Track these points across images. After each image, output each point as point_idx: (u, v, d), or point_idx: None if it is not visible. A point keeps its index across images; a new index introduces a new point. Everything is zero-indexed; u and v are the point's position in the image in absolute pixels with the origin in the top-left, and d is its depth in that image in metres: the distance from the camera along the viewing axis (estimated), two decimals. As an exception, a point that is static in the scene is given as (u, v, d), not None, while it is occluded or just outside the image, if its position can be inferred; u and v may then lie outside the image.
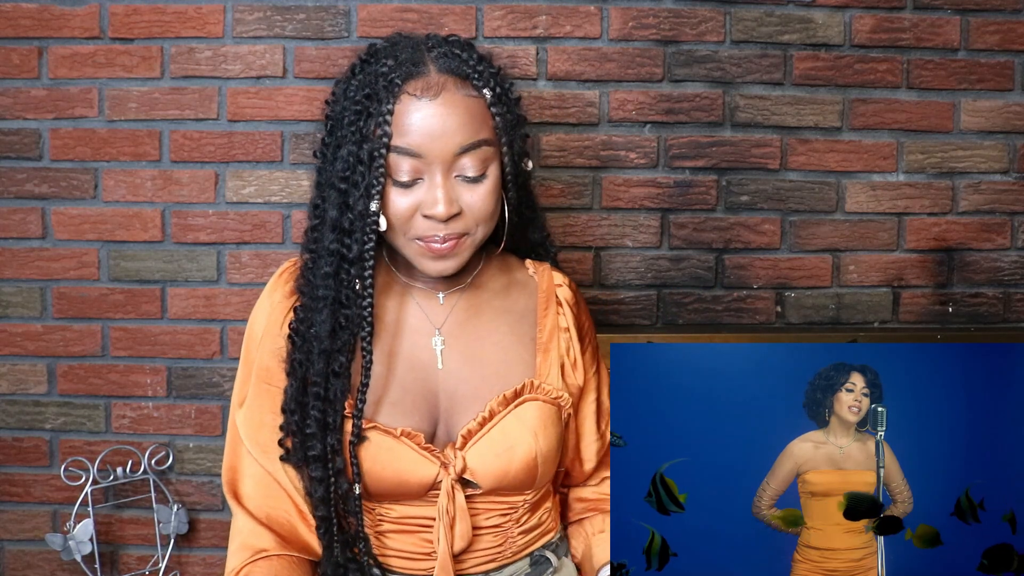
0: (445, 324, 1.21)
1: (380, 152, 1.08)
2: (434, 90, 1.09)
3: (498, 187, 1.14)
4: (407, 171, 1.09)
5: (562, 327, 1.25)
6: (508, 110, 1.15)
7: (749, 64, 1.73)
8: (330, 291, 1.13)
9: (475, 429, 1.16)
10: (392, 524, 1.18)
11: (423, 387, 1.18)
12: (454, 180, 1.10)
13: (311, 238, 1.17)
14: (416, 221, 1.11)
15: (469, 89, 1.11)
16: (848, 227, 1.78)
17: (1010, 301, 1.81)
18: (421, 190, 1.10)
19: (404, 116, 1.08)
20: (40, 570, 1.80)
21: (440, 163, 1.08)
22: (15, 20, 1.70)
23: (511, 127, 1.15)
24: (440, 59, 1.11)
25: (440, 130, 1.08)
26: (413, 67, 1.10)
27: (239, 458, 1.17)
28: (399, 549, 1.19)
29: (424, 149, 1.08)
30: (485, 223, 1.14)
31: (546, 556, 1.26)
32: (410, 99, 1.08)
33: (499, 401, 1.17)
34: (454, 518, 1.15)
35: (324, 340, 1.13)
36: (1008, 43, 1.75)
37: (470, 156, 1.10)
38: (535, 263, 1.30)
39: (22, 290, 1.75)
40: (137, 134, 1.72)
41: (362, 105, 1.09)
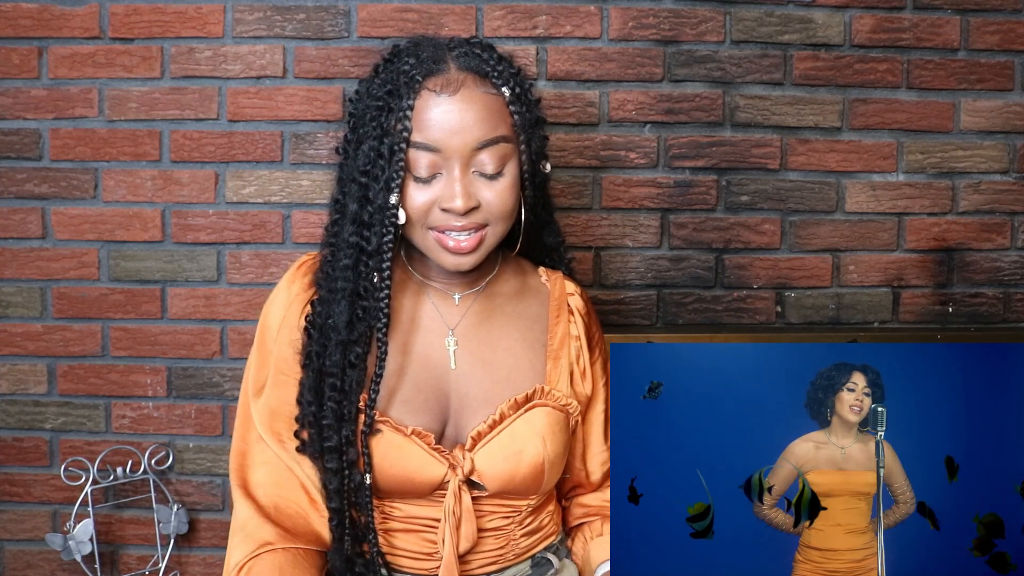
0: (459, 325, 1.22)
1: (400, 147, 1.09)
2: (453, 86, 1.10)
3: (516, 185, 1.15)
4: (426, 166, 1.10)
5: (572, 335, 1.25)
6: (527, 109, 1.16)
7: (749, 64, 1.73)
8: (348, 283, 1.14)
9: (485, 431, 1.16)
10: (399, 523, 1.18)
11: (435, 386, 1.19)
12: (472, 176, 1.11)
13: (331, 232, 1.19)
14: (434, 214, 1.12)
15: (488, 87, 1.12)
16: (848, 227, 1.78)
17: (1010, 301, 1.81)
18: (439, 185, 1.11)
19: (424, 112, 1.10)
20: (40, 570, 1.80)
21: (458, 158, 1.10)
22: (15, 20, 1.70)
23: (530, 126, 1.16)
24: (460, 58, 1.13)
25: (459, 125, 1.09)
26: (434, 64, 1.12)
27: (249, 446, 1.17)
28: (405, 548, 1.19)
29: (443, 144, 1.09)
30: (503, 220, 1.15)
31: (547, 558, 1.27)
32: (430, 95, 1.10)
33: (510, 405, 1.17)
34: (460, 519, 1.15)
35: (342, 331, 1.14)
36: (1008, 43, 1.75)
37: (488, 152, 1.11)
38: (548, 271, 1.31)
39: (22, 290, 1.75)
40: (137, 134, 1.72)
41: (383, 101, 1.11)
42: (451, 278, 1.23)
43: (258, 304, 1.73)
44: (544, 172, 1.23)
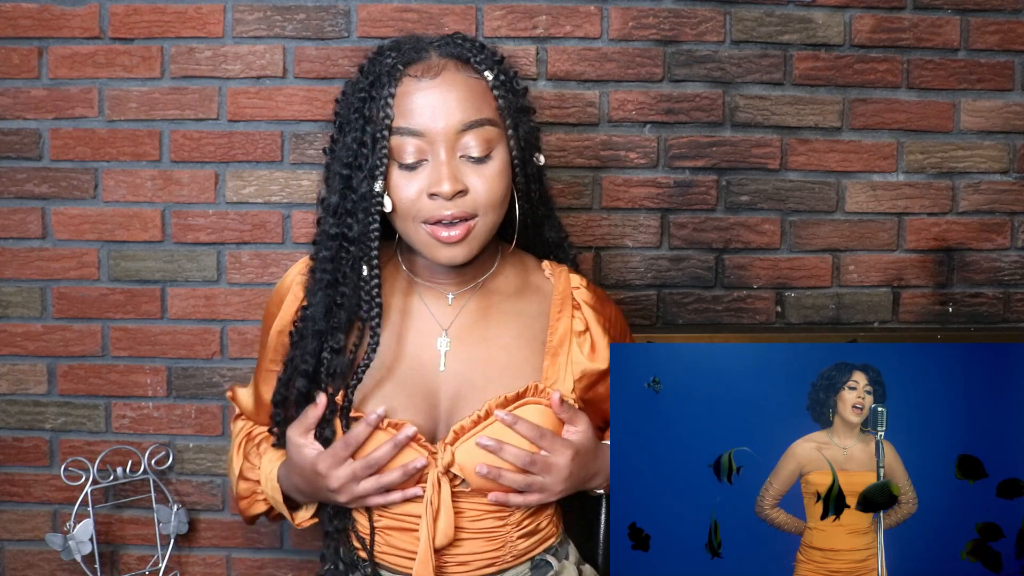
0: (452, 326, 1.21)
1: (383, 133, 1.10)
2: (434, 71, 1.11)
3: (506, 172, 1.15)
4: (411, 152, 1.10)
5: (577, 330, 1.23)
6: (511, 94, 1.16)
7: (749, 64, 1.73)
8: (327, 274, 1.16)
9: (468, 426, 1.16)
10: (390, 520, 1.19)
11: (423, 385, 1.19)
12: (459, 160, 1.11)
13: (316, 233, 1.20)
14: (422, 202, 1.11)
15: (470, 71, 1.14)
16: (848, 227, 1.78)
17: (1010, 301, 1.81)
18: (426, 172, 1.11)
19: (406, 97, 1.11)
20: (40, 570, 1.80)
21: (443, 141, 1.10)
22: (15, 20, 1.69)
23: (516, 112, 1.16)
24: (442, 47, 1.14)
25: (442, 108, 1.10)
26: (415, 54, 1.13)
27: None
28: (396, 547, 1.20)
29: (426, 127, 1.10)
30: (493, 209, 1.14)
31: (547, 560, 1.26)
32: (411, 80, 1.11)
33: (499, 402, 1.16)
34: (438, 510, 1.15)
35: (319, 321, 1.15)
36: (1008, 43, 1.75)
37: (473, 134, 1.11)
38: (553, 264, 1.29)
39: (22, 290, 1.75)
40: (137, 134, 1.72)
41: (366, 92, 1.12)
42: (445, 277, 1.22)
43: (258, 304, 1.73)
44: (537, 164, 1.22)
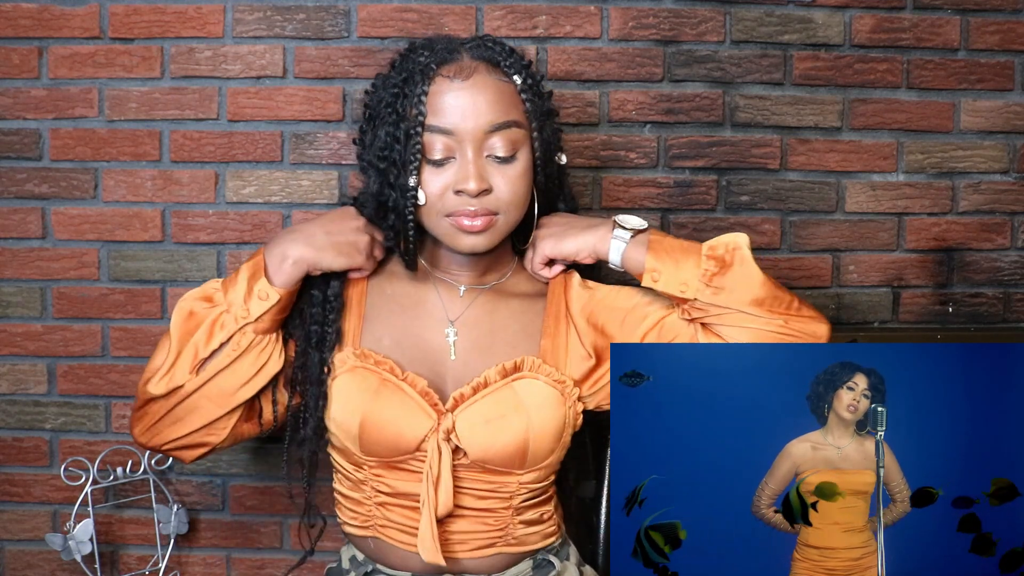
0: (460, 317, 1.25)
1: (416, 130, 1.15)
2: (466, 72, 1.16)
3: (528, 173, 1.20)
4: (440, 149, 1.15)
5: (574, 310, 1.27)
6: (538, 98, 1.21)
7: (749, 64, 1.73)
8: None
9: (468, 394, 1.19)
10: (388, 497, 1.21)
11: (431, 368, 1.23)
12: (485, 160, 1.16)
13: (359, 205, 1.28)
14: (448, 198, 1.16)
15: (500, 75, 1.18)
16: (848, 227, 1.78)
17: (1010, 301, 1.81)
18: (453, 169, 1.16)
19: (438, 96, 1.15)
20: (40, 570, 1.80)
21: (471, 141, 1.15)
22: (15, 20, 1.70)
23: (541, 114, 1.21)
24: (473, 49, 1.19)
25: (472, 109, 1.14)
26: (447, 54, 1.18)
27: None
28: (396, 522, 1.22)
29: (456, 127, 1.14)
30: (514, 208, 1.19)
31: (549, 560, 1.28)
32: (444, 80, 1.15)
33: (497, 371, 1.20)
34: (439, 478, 1.16)
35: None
36: (1008, 43, 1.75)
37: (500, 136, 1.16)
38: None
39: (22, 290, 1.75)
40: (137, 134, 1.72)
41: (399, 89, 1.17)
42: (460, 269, 1.27)
43: (258, 304, 1.73)
44: (559, 163, 1.28)
